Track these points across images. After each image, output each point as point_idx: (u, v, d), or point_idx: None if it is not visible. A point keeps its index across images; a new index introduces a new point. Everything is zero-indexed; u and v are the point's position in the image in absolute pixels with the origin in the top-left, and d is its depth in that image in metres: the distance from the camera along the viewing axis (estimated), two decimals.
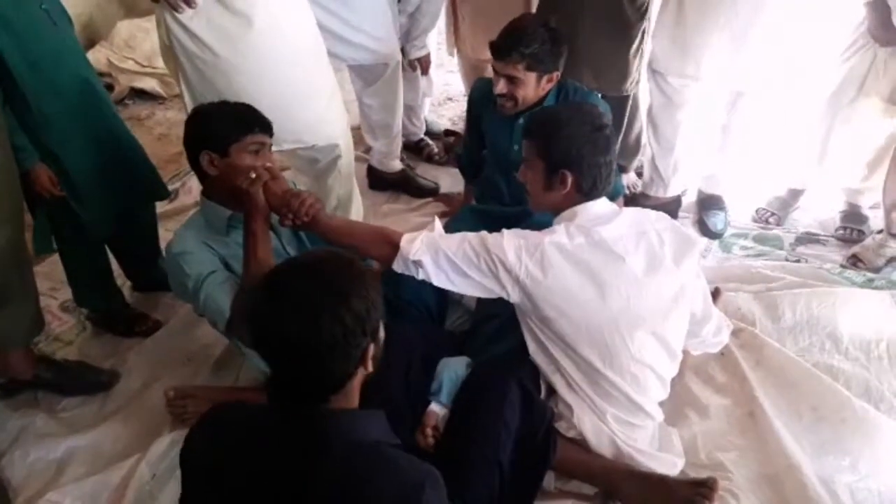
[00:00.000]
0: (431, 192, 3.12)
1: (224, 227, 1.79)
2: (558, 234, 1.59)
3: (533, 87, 2.08)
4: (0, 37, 1.73)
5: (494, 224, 1.97)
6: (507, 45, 2.02)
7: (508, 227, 1.68)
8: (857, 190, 2.71)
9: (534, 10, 2.69)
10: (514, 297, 1.60)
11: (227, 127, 1.70)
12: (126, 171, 2.13)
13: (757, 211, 2.86)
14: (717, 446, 1.80)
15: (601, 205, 1.65)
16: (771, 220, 2.81)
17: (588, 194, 1.64)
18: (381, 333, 1.17)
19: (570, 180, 1.61)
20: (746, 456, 1.77)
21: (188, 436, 1.20)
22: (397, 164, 3.13)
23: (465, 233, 1.64)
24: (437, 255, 1.59)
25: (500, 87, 2.08)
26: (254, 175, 1.64)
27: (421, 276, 1.61)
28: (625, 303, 1.58)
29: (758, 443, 1.80)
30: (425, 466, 1.10)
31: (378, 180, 3.16)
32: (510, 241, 1.57)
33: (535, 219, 2.00)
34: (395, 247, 1.61)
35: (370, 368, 1.15)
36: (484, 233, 1.62)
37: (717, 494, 1.57)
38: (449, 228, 1.82)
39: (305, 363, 1.08)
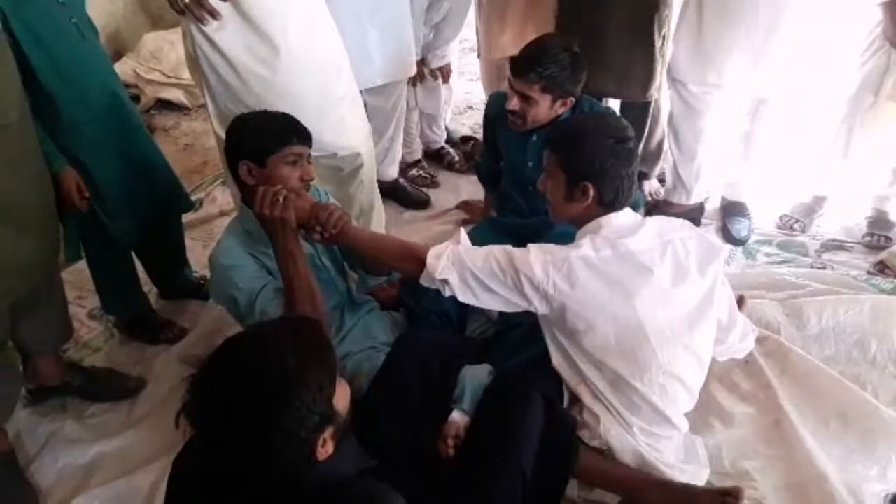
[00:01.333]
0: (423, 205, 3.13)
1: (264, 234, 1.80)
2: (584, 247, 1.57)
3: (546, 108, 2.06)
4: (31, 49, 1.78)
5: (515, 236, 1.98)
6: (527, 64, 2.00)
7: (529, 238, 1.67)
8: (883, 196, 2.68)
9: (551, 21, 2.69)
10: (541, 310, 1.59)
11: (265, 138, 1.71)
12: (150, 181, 2.17)
13: (781, 217, 2.83)
14: (742, 455, 1.79)
15: (625, 216, 1.64)
16: (796, 226, 2.78)
17: (610, 206, 1.62)
18: (341, 403, 1.13)
19: (591, 193, 1.59)
20: (772, 465, 1.75)
21: (170, 477, 1.24)
22: (392, 173, 3.12)
23: (490, 247, 1.62)
24: (464, 272, 1.58)
25: (513, 103, 2.07)
26: (281, 199, 1.62)
27: (448, 294, 1.61)
28: (654, 314, 1.57)
29: (784, 451, 1.78)
30: (370, 495, 1.10)
31: None
32: (537, 257, 1.56)
33: (557, 230, 2.00)
34: (421, 262, 1.60)
35: (330, 450, 1.11)
36: (509, 248, 1.61)
37: (744, 503, 1.56)
38: (471, 240, 1.83)
39: (255, 465, 1.05)
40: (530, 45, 2.07)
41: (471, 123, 3.91)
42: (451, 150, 3.49)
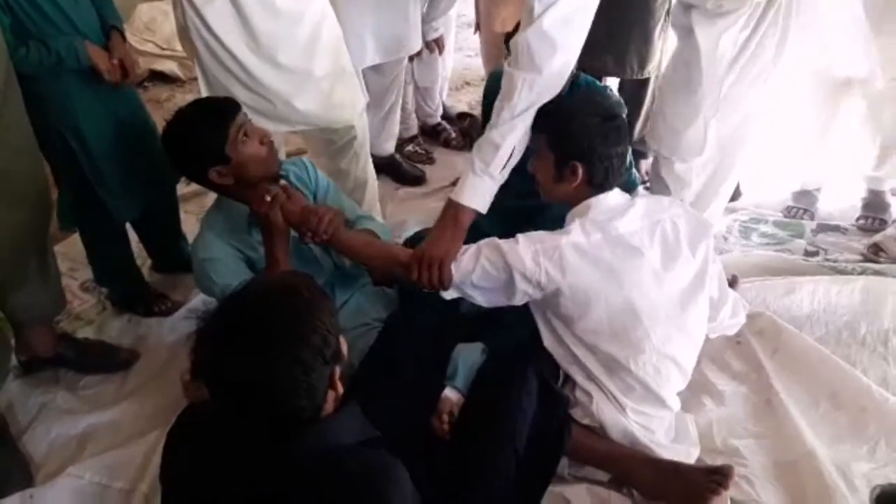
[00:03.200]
0: (417, 181, 3.12)
1: (245, 224, 1.79)
2: (574, 233, 1.58)
3: None
4: (25, 9, 1.78)
5: (513, 217, 1.97)
6: None
7: (527, 219, 1.68)
8: (877, 177, 2.67)
9: None
10: (534, 297, 1.60)
11: (209, 135, 1.69)
12: (147, 152, 2.15)
13: (787, 209, 2.80)
14: (732, 433, 1.80)
15: (614, 196, 1.64)
16: (804, 216, 2.75)
17: (600, 186, 1.62)
18: (344, 348, 1.13)
19: (580, 172, 1.59)
20: (762, 443, 1.76)
21: (165, 445, 1.21)
22: (389, 148, 3.11)
23: (478, 245, 1.63)
24: (455, 275, 1.61)
25: None
26: (269, 198, 1.63)
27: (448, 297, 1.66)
28: (646, 296, 1.57)
29: (774, 430, 1.79)
30: (382, 465, 1.09)
31: None
32: (526, 248, 1.56)
33: (556, 211, 1.99)
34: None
35: (340, 390, 1.12)
36: (497, 241, 1.61)
37: (732, 481, 1.57)
38: None
39: (270, 407, 1.04)
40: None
41: (468, 100, 3.89)
42: (448, 127, 3.47)
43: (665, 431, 1.70)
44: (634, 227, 1.59)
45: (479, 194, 1.65)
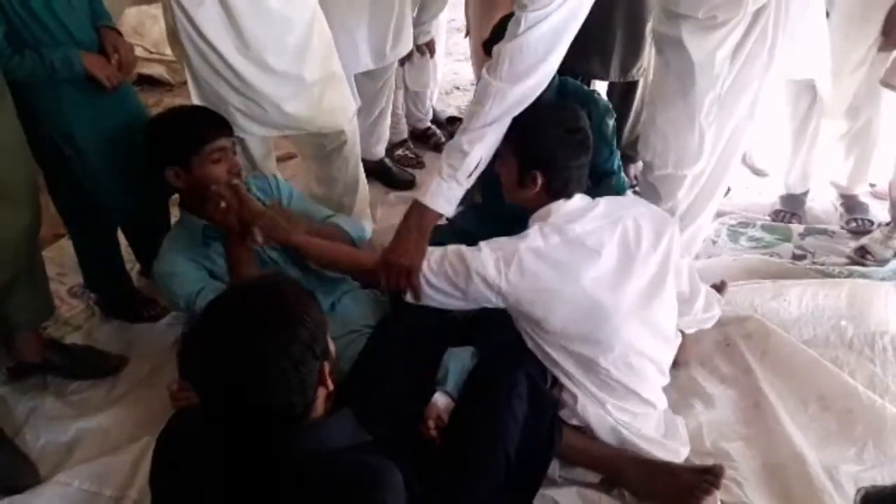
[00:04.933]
0: (408, 185, 3.12)
1: (200, 238, 1.80)
2: (532, 237, 1.61)
3: None
4: (17, 14, 1.77)
5: (500, 220, 1.98)
6: (500, 37, 1.99)
7: (515, 222, 1.69)
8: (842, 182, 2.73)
9: None
10: (499, 304, 1.63)
11: (183, 140, 1.71)
12: (141, 155, 2.14)
13: (775, 212, 2.83)
14: (722, 436, 1.81)
15: (575, 201, 1.67)
16: (793, 220, 2.78)
17: (557, 194, 1.66)
18: (332, 347, 1.13)
19: (540, 181, 1.64)
20: (751, 445, 1.77)
21: (155, 450, 1.21)
22: (379, 152, 3.11)
23: (445, 249, 1.64)
24: (422, 286, 1.63)
25: None
26: (224, 204, 1.65)
27: (408, 299, 1.68)
28: (607, 294, 1.60)
29: (763, 433, 1.80)
30: (375, 468, 1.08)
31: None
32: (488, 255, 1.59)
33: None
34: (375, 275, 1.68)
35: (330, 386, 1.12)
36: (461, 249, 1.62)
37: (722, 482, 1.58)
38: (455, 226, 1.84)
39: (260, 405, 1.03)
40: (498, 23, 2.03)
41: (457, 104, 3.89)
42: (438, 131, 3.48)
43: (653, 428, 1.71)
44: (592, 227, 1.62)
45: (444, 198, 1.64)
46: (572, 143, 1.65)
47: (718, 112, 1.98)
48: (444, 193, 1.64)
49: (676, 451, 1.70)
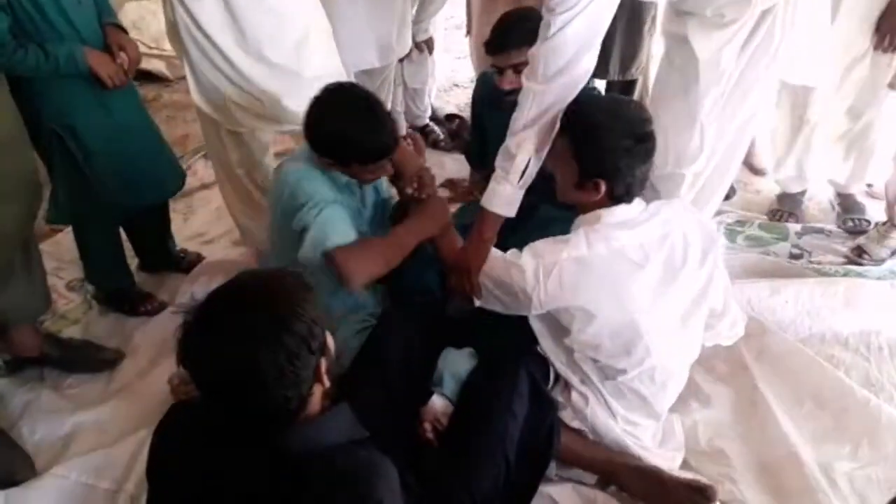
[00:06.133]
0: None
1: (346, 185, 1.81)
2: (576, 243, 1.54)
3: None
4: (25, 7, 1.77)
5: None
6: (507, 35, 1.99)
7: (515, 221, 1.68)
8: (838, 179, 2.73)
9: None
10: (536, 312, 1.61)
11: (356, 154, 1.71)
12: (142, 148, 2.15)
13: (772, 212, 2.82)
14: (717, 434, 1.82)
15: (628, 209, 1.59)
16: (790, 219, 2.77)
17: (618, 200, 1.58)
18: (330, 342, 1.13)
19: (603, 189, 1.55)
20: (747, 443, 1.78)
21: (152, 442, 1.20)
22: None
23: (501, 257, 1.64)
24: (482, 290, 1.65)
25: (509, 81, 2.03)
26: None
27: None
28: (646, 310, 1.55)
29: (758, 430, 1.81)
30: (371, 462, 1.09)
31: None
32: (528, 262, 1.55)
33: (543, 213, 1.99)
34: None
35: (327, 383, 1.11)
36: (508, 258, 1.61)
37: (717, 480, 1.59)
38: (456, 221, 1.84)
39: (255, 397, 1.03)
40: (497, 24, 2.07)
41: (456, 101, 3.89)
42: (437, 128, 3.48)
43: (651, 437, 1.71)
44: (640, 240, 1.56)
45: (501, 200, 1.67)
46: (641, 152, 1.54)
47: (721, 111, 1.98)
48: (501, 196, 1.66)
49: (672, 457, 1.70)
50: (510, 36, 1.99)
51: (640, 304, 1.55)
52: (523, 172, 1.63)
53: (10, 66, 1.77)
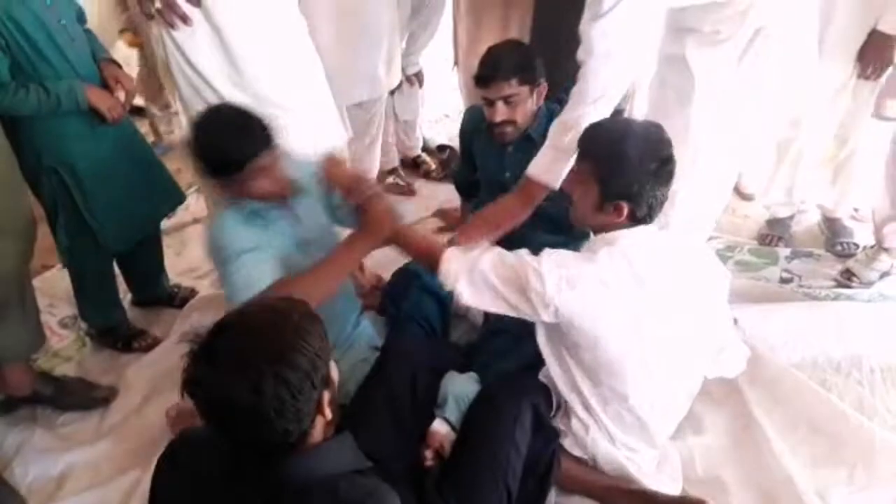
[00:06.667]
0: None
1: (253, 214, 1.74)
2: (601, 263, 1.52)
3: (527, 102, 2.08)
4: (21, 49, 1.81)
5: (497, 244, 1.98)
6: (496, 67, 2.02)
7: (512, 247, 1.67)
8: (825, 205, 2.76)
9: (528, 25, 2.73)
10: (546, 320, 1.55)
11: (221, 161, 1.65)
12: (140, 181, 2.17)
13: (762, 236, 2.84)
14: (713, 460, 1.82)
15: (645, 233, 1.58)
16: (779, 244, 2.80)
17: (639, 222, 1.58)
18: (335, 374, 1.14)
19: (626, 211, 1.54)
20: (742, 469, 1.78)
21: (155, 472, 1.21)
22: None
23: (503, 251, 1.60)
24: (473, 275, 1.56)
25: (500, 113, 2.06)
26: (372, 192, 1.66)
27: (462, 299, 1.59)
28: (656, 337, 1.55)
29: (753, 456, 1.81)
30: (374, 491, 1.09)
31: None
32: (550, 270, 1.50)
33: (541, 239, 2.00)
34: (436, 262, 1.61)
35: (329, 415, 1.12)
36: (523, 254, 1.58)
37: None
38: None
39: (256, 429, 1.04)
40: (486, 56, 2.09)
41: (447, 132, 3.93)
42: (428, 159, 3.51)
43: (649, 463, 1.71)
44: (655, 267, 1.55)
45: (545, 166, 1.76)
46: (664, 175, 1.54)
47: (714, 129, 2.00)
48: (546, 161, 1.76)
49: (669, 485, 1.70)
50: (499, 68, 2.02)
51: (650, 331, 1.54)
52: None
53: (13, 107, 1.80)
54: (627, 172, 1.51)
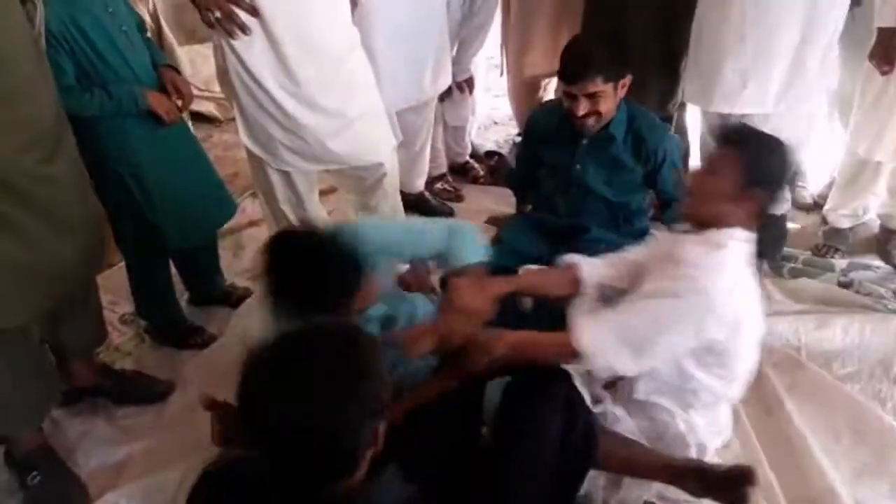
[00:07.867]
0: (447, 217, 3.12)
1: None
2: (741, 260, 1.55)
3: (612, 97, 2.09)
4: (85, 55, 1.89)
5: (547, 233, 1.97)
6: (582, 66, 2.02)
7: (561, 238, 1.69)
8: (887, 214, 2.69)
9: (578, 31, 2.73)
10: (720, 337, 1.54)
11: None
12: (198, 183, 2.26)
13: (817, 246, 2.76)
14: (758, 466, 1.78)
15: (745, 235, 1.59)
16: (836, 256, 2.71)
17: (756, 220, 1.59)
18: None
19: (760, 200, 1.57)
20: (783, 479, 1.75)
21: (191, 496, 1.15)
22: (419, 186, 3.16)
23: (643, 292, 1.55)
24: (626, 334, 1.49)
25: (583, 107, 2.07)
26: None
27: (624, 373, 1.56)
28: (760, 323, 1.62)
29: (794, 466, 1.78)
30: None
31: None
32: (715, 283, 1.48)
33: (592, 234, 2.00)
34: (573, 351, 1.50)
35: (380, 446, 1.07)
36: (667, 286, 1.53)
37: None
38: (501, 237, 1.83)
39: (309, 458, 0.99)
40: (569, 49, 2.10)
41: (495, 138, 3.95)
42: (476, 165, 3.54)
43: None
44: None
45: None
46: (792, 178, 1.66)
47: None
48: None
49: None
50: (589, 66, 2.02)
51: (760, 319, 1.61)
52: None
53: (78, 108, 1.88)
54: (777, 158, 1.58)
